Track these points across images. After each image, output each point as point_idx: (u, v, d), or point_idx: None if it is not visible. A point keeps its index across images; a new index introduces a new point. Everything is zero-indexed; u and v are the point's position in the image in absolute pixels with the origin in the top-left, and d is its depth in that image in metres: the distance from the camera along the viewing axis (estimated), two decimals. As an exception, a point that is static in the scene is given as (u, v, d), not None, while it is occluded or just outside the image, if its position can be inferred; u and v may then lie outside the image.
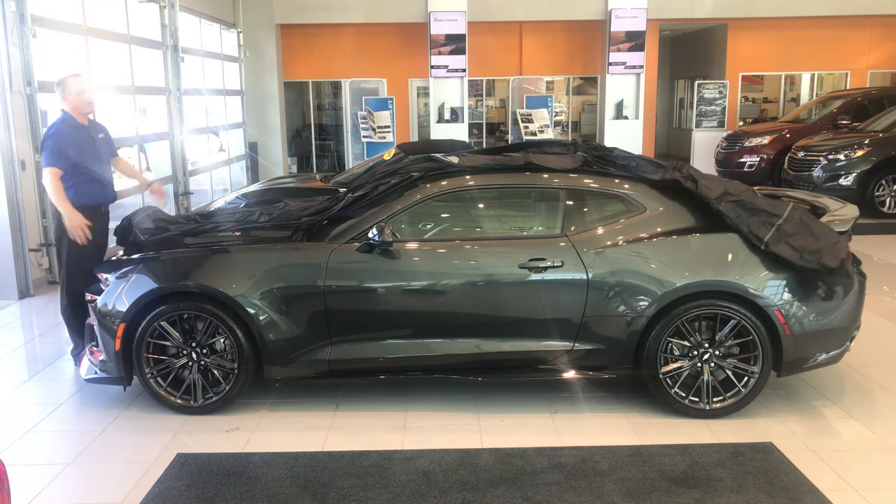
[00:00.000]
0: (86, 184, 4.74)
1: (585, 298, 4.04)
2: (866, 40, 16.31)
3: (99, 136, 4.94)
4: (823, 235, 3.96)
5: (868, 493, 3.35)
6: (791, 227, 3.98)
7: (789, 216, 4.02)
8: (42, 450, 3.91)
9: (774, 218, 4.00)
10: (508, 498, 3.33)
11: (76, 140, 4.70)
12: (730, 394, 4.09)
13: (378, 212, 4.25)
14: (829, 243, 3.93)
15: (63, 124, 4.72)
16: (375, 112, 13.89)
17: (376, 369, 4.17)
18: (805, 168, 10.63)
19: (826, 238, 3.95)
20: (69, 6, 8.21)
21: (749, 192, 4.17)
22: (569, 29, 16.01)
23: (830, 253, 3.90)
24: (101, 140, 4.96)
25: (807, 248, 3.91)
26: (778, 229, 3.97)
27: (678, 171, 4.28)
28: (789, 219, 4.01)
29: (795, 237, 3.95)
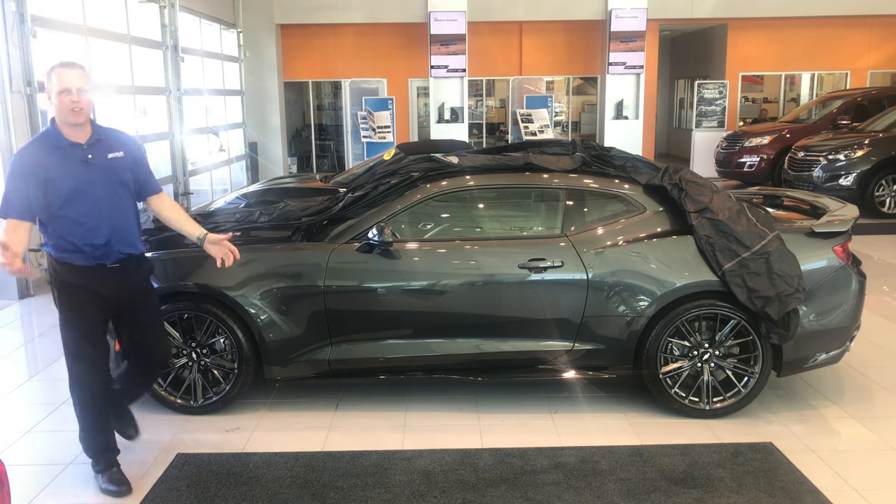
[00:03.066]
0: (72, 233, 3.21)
1: (585, 298, 4.04)
2: (866, 40, 16.31)
3: (106, 159, 3.27)
4: (782, 283, 3.85)
5: (868, 493, 3.35)
6: (755, 265, 3.89)
7: (759, 251, 3.91)
8: (42, 450, 3.91)
9: (742, 249, 3.91)
10: (508, 498, 3.33)
11: (51, 169, 3.13)
12: (730, 394, 4.09)
13: (378, 212, 4.25)
14: (783, 294, 3.84)
15: (32, 146, 3.21)
16: (375, 112, 13.89)
17: (376, 369, 4.17)
18: (805, 168, 10.62)
19: (783, 287, 3.85)
20: (69, 6, 8.21)
21: (732, 213, 4.03)
22: (569, 29, 16.01)
23: (777, 304, 3.84)
24: (108, 166, 3.26)
25: (759, 291, 3.86)
26: (741, 263, 3.90)
27: (668, 175, 4.24)
28: (758, 254, 3.90)
29: (753, 276, 3.88)
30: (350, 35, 15.97)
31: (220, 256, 3.48)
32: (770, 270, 3.89)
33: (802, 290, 3.89)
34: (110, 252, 3.29)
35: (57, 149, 3.20)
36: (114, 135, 3.41)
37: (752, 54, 16.43)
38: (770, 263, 3.89)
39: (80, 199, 3.20)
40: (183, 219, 3.56)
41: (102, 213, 3.25)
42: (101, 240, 3.25)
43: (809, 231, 4.14)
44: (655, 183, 4.23)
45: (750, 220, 4.02)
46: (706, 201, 4.07)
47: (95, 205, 3.23)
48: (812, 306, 4.04)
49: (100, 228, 3.25)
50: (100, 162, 3.26)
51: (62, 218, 3.20)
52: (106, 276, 3.31)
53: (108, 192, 3.27)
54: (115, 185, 3.30)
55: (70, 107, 3.14)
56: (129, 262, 3.37)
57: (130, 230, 3.38)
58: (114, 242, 3.29)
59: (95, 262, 3.28)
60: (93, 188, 3.23)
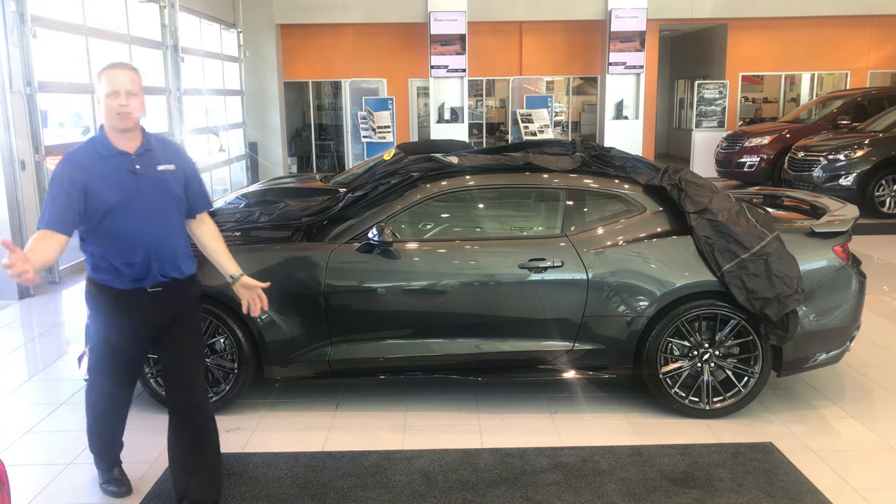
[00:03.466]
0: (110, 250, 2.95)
1: (585, 298, 4.04)
2: (866, 40, 16.31)
3: (155, 171, 2.97)
4: (781, 285, 3.86)
5: (868, 493, 3.35)
6: (754, 266, 3.89)
7: (758, 252, 3.90)
8: (42, 450, 3.91)
9: (741, 250, 3.91)
10: (508, 498, 3.33)
11: (94, 178, 2.87)
12: (730, 394, 4.09)
13: (378, 212, 4.25)
14: (782, 295, 3.84)
15: (77, 152, 2.94)
16: (375, 112, 13.89)
17: (376, 369, 4.17)
18: (805, 168, 10.62)
19: (782, 288, 3.85)
20: (69, 6, 8.22)
21: (731, 214, 4.03)
22: (569, 29, 16.01)
23: (776, 305, 3.84)
24: (158, 178, 2.97)
25: (758, 292, 3.86)
26: (740, 264, 3.90)
27: (668, 176, 4.24)
28: (757, 255, 3.90)
29: (752, 278, 3.88)
30: (350, 35, 15.98)
31: (246, 301, 3.21)
32: (769, 272, 3.88)
33: (801, 292, 3.89)
34: (149, 274, 2.96)
35: (102, 157, 2.91)
36: (166, 145, 3.10)
37: (752, 54, 16.44)
38: (769, 265, 3.89)
39: (123, 212, 2.89)
40: (222, 251, 3.22)
41: (145, 230, 2.93)
42: (138, 258, 2.93)
43: (809, 231, 4.14)
44: (655, 183, 4.23)
45: (749, 221, 4.02)
46: (706, 202, 4.07)
47: (138, 220, 2.92)
48: (812, 306, 4.04)
49: (139, 246, 2.92)
50: (148, 173, 2.94)
51: (101, 233, 2.92)
52: (145, 302, 2.99)
53: (153, 208, 2.95)
54: (162, 201, 2.97)
55: (117, 111, 2.86)
56: (172, 286, 3.03)
57: (176, 250, 3.02)
58: (154, 263, 2.96)
59: (134, 284, 2.96)
60: (137, 202, 2.91)
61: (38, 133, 7.17)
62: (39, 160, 7.20)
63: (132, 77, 2.92)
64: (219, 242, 3.23)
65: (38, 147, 7.18)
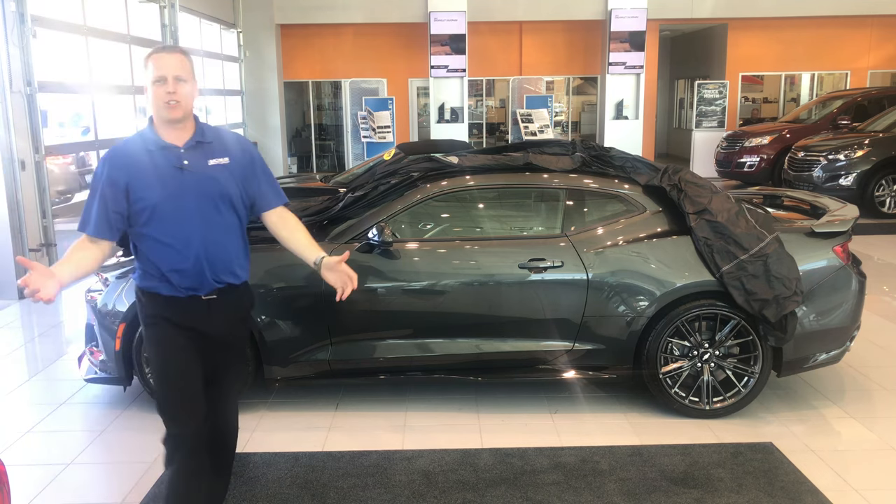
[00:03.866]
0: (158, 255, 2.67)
1: (585, 298, 4.04)
2: (866, 40, 16.31)
3: (206, 166, 2.69)
4: (780, 286, 3.85)
5: (868, 493, 3.35)
6: (753, 267, 3.88)
7: (757, 253, 3.89)
8: (42, 450, 3.91)
9: (740, 252, 3.90)
10: (508, 498, 3.33)
11: (137, 175, 2.62)
12: (730, 394, 4.09)
13: (378, 212, 4.25)
14: (781, 297, 3.84)
15: (121, 147, 2.69)
16: (375, 112, 13.89)
17: (376, 369, 4.17)
18: (805, 168, 10.62)
19: (781, 289, 3.85)
20: (69, 6, 8.22)
21: (731, 215, 4.01)
22: (569, 29, 16.01)
23: (775, 307, 3.84)
24: (207, 175, 2.68)
25: (756, 294, 3.86)
26: (739, 265, 3.90)
27: (668, 176, 4.23)
28: (756, 256, 3.89)
29: (751, 279, 3.87)
30: (350, 35, 15.98)
31: (339, 286, 2.85)
32: (768, 273, 3.88)
33: (800, 293, 3.89)
34: (204, 281, 2.69)
35: (148, 151, 2.63)
36: (221, 137, 2.78)
37: (752, 54, 16.44)
38: (768, 266, 3.89)
39: (169, 213, 2.62)
40: (304, 239, 2.90)
41: (194, 232, 2.64)
42: (188, 264, 2.65)
43: (809, 231, 4.14)
44: (655, 184, 4.23)
45: (748, 222, 4.01)
46: (705, 203, 4.07)
47: (186, 221, 2.63)
48: (812, 306, 4.04)
49: (189, 251, 2.64)
50: (197, 169, 2.65)
51: (147, 237, 2.64)
52: (201, 310, 2.72)
53: (202, 207, 2.65)
54: (212, 199, 2.67)
55: (165, 99, 2.58)
56: (227, 293, 2.76)
57: (230, 253, 2.74)
58: (207, 269, 2.67)
59: (187, 293, 2.69)
60: (184, 201, 2.62)
61: (38, 133, 7.17)
62: (39, 160, 7.20)
63: (181, 61, 2.63)
64: (301, 232, 2.92)
65: (38, 147, 7.18)
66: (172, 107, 2.61)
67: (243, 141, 2.89)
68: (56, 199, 9.27)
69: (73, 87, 8.43)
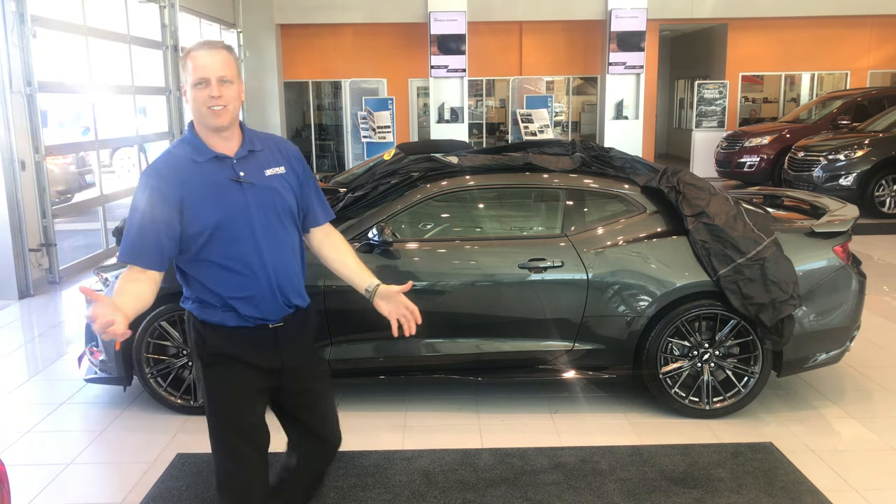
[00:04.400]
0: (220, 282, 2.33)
1: (585, 298, 4.04)
2: (866, 40, 16.31)
3: (263, 177, 2.36)
4: (777, 290, 3.84)
5: (868, 493, 3.35)
6: (750, 271, 3.87)
7: (755, 257, 3.88)
8: (42, 450, 3.91)
9: (738, 255, 3.89)
10: (508, 498, 3.33)
11: (189, 193, 2.26)
12: (730, 394, 4.09)
13: (378, 212, 4.25)
14: (777, 301, 3.84)
15: (164, 160, 2.33)
16: (375, 112, 13.89)
17: (376, 369, 4.17)
18: (805, 168, 10.62)
19: (778, 294, 3.84)
20: (69, 6, 8.22)
21: (729, 218, 4.00)
22: (569, 29, 16.00)
23: (772, 311, 3.84)
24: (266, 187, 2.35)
25: (753, 297, 3.85)
26: (736, 269, 3.89)
27: (667, 178, 4.22)
28: (753, 260, 3.88)
29: (748, 283, 3.87)
30: (350, 35, 15.97)
31: (394, 318, 2.55)
32: (765, 277, 3.88)
33: (797, 297, 3.88)
34: (275, 306, 2.37)
35: (196, 164, 2.29)
36: (272, 143, 2.46)
37: (752, 54, 16.43)
38: (765, 270, 3.88)
39: (230, 233, 2.28)
40: (354, 264, 2.57)
41: (261, 253, 2.32)
42: (257, 290, 2.33)
43: (809, 231, 4.14)
44: (653, 185, 4.23)
45: (746, 225, 4.00)
46: (703, 205, 4.06)
47: (251, 241, 2.30)
48: (812, 306, 4.04)
49: (256, 274, 2.32)
50: (255, 181, 2.32)
51: (205, 262, 2.31)
52: (268, 342, 2.39)
53: (266, 223, 2.33)
54: (276, 213, 2.35)
55: (208, 104, 2.24)
56: (296, 317, 2.45)
57: (298, 273, 2.45)
58: (278, 292, 2.36)
59: (255, 321, 2.36)
60: (246, 218, 2.29)
61: (38, 133, 7.16)
62: (39, 160, 7.20)
63: (226, 60, 2.28)
64: (350, 255, 2.58)
65: (38, 147, 7.17)
66: (217, 112, 2.25)
67: (293, 147, 2.53)
68: (56, 199, 9.27)
69: (73, 87, 8.43)
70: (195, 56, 2.26)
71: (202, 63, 2.24)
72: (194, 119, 2.32)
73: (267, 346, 2.39)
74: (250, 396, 2.40)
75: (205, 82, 2.24)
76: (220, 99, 2.24)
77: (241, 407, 2.40)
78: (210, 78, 2.24)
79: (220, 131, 2.30)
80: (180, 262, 2.35)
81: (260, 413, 2.45)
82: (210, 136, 2.31)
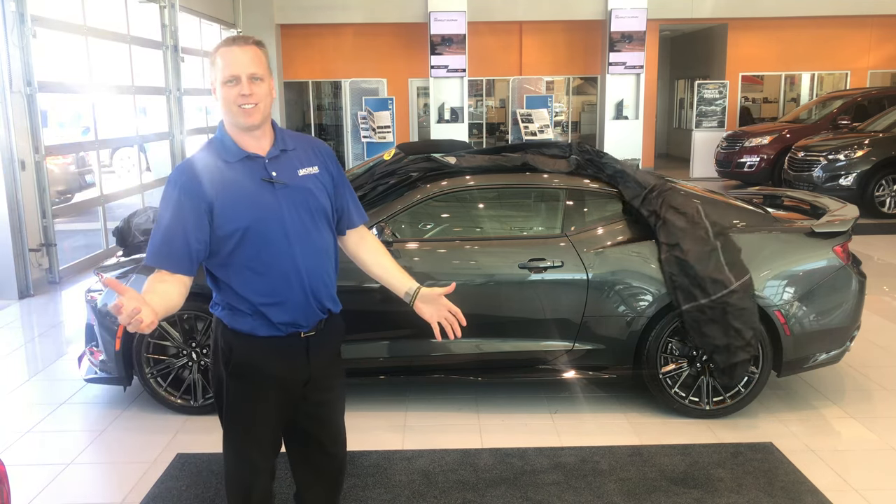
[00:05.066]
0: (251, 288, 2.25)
1: (585, 298, 4.04)
2: (866, 40, 16.31)
3: (296, 177, 2.28)
4: (736, 335, 3.82)
5: (868, 493, 3.35)
6: (712, 312, 3.84)
7: (719, 300, 3.82)
8: (42, 450, 3.91)
9: (702, 295, 3.84)
10: (508, 498, 3.33)
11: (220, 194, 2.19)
12: (730, 394, 4.09)
13: (378, 212, 4.25)
14: (733, 345, 3.82)
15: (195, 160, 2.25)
16: (375, 112, 13.89)
17: (376, 369, 4.17)
18: (805, 168, 10.62)
19: (735, 339, 3.82)
20: (69, 6, 8.22)
21: (702, 255, 3.88)
22: (569, 29, 16.01)
23: (725, 354, 3.84)
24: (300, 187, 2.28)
25: (711, 337, 3.84)
26: (698, 307, 3.86)
27: (650, 200, 4.10)
28: (717, 302, 3.82)
29: (709, 323, 3.84)
30: (350, 35, 15.98)
31: (436, 322, 2.46)
32: (726, 321, 3.83)
33: (753, 345, 3.86)
34: (308, 312, 2.29)
35: (228, 164, 2.21)
36: (305, 142, 2.37)
37: (752, 54, 16.44)
38: (727, 314, 3.83)
39: (262, 236, 2.20)
40: (392, 266, 2.49)
41: (294, 256, 2.23)
42: (292, 295, 2.24)
43: (809, 231, 4.14)
44: (635, 205, 4.13)
45: (718, 265, 3.89)
46: (679, 237, 3.96)
47: (283, 244, 2.22)
48: (812, 306, 4.04)
49: (290, 279, 2.23)
50: (288, 181, 2.24)
51: (235, 266, 2.23)
52: (300, 352, 2.30)
53: (299, 225, 2.24)
54: (310, 214, 2.27)
55: (239, 102, 2.16)
56: (328, 323, 2.36)
57: (331, 277, 2.36)
58: (312, 297, 2.28)
59: (287, 329, 2.27)
60: (278, 220, 2.21)
61: (38, 133, 7.16)
62: (39, 160, 7.20)
63: (257, 56, 2.20)
64: (386, 257, 2.51)
65: (38, 147, 7.17)
66: (248, 111, 2.18)
67: (327, 146, 2.44)
68: (56, 199, 9.27)
69: (73, 87, 8.43)
70: (224, 52, 2.18)
71: (232, 60, 2.17)
72: (224, 118, 2.25)
73: (298, 356, 2.30)
74: (271, 415, 2.32)
75: (235, 80, 2.17)
76: (251, 97, 2.17)
77: (261, 426, 2.32)
78: (240, 75, 2.16)
79: (251, 130, 2.23)
80: (210, 266, 2.29)
81: (278, 429, 2.39)
82: (241, 135, 2.24)
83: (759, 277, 3.99)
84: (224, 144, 2.24)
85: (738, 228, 4.16)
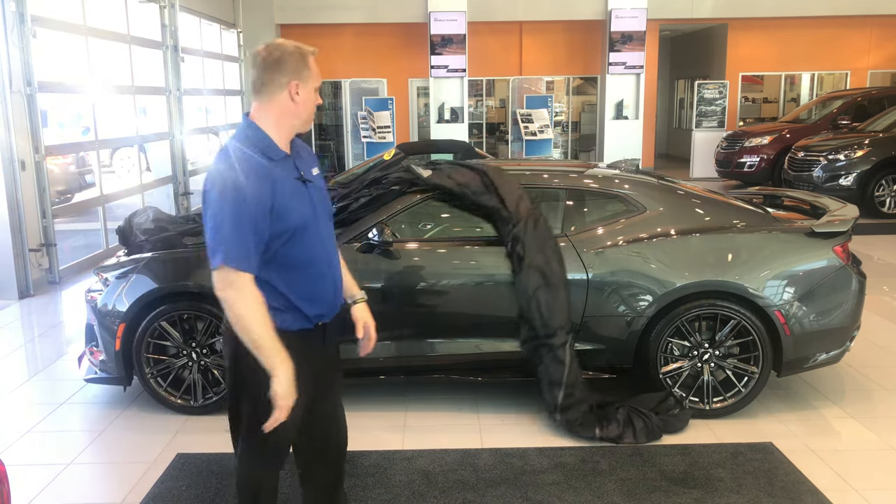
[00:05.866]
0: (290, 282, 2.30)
1: (585, 298, 4.04)
2: (866, 40, 16.31)
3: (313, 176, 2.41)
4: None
5: (868, 493, 3.35)
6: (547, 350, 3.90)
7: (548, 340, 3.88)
8: (42, 450, 3.91)
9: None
10: (508, 498, 3.33)
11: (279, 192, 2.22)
12: (730, 394, 4.09)
13: (378, 212, 4.25)
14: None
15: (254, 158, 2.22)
16: (375, 112, 13.89)
17: (376, 369, 4.17)
18: (805, 168, 10.62)
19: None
20: (69, 6, 8.22)
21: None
22: (569, 29, 16.00)
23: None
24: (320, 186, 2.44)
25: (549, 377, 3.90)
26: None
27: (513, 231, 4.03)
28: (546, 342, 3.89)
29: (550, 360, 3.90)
30: (350, 35, 15.97)
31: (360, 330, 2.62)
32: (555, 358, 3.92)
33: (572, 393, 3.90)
34: (333, 304, 2.41)
35: (275, 162, 2.24)
36: (299, 145, 2.45)
37: (752, 54, 16.43)
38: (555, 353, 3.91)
39: (306, 233, 2.28)
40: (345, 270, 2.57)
41: (327, 251, 2.36)
42: (325, 289, 2.36)
43: (809, 231, 4.14)
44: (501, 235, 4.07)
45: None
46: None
47: (318, 239, 2.33)
48: (812, 306, 4.04)
49: (324, 274, 2.35)
50: (313, 180, 2.38)
51: (277, 263, 2.25)
52: (317, 342, 2.41)
53: (326, 221, 2.40)
54: (326, 210, 2.43)
55: (314, 108, 2.37)
56: (339, 314, 2.50)
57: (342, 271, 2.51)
58: (337, 290, 2.43)
59: (315, 321, 2.36)
60: (314, 217, 2.32)
61: (38, 133, 7.17)
62: (39, 160, 7.20)
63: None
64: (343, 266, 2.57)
65: (38, 147, 7.18)
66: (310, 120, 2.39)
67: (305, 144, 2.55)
68: (56, 199, 9.27)
69: (73, 87, 8.43)
70: (314, 62, 2.35)
71: (318, 70, 2.37)
72: (281, 118, 2.29)
73: (319, 347, 2.41)
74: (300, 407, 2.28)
75: (319, 88, 2.39)
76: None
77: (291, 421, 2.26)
78: (319, 84, 2.38)
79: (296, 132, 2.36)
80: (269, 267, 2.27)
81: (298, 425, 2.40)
82: (284, 137, 2.31)
83: (759, 277, 3.99)
84: (266, 143, 2.26)
85: (739, 228, 4.17)
